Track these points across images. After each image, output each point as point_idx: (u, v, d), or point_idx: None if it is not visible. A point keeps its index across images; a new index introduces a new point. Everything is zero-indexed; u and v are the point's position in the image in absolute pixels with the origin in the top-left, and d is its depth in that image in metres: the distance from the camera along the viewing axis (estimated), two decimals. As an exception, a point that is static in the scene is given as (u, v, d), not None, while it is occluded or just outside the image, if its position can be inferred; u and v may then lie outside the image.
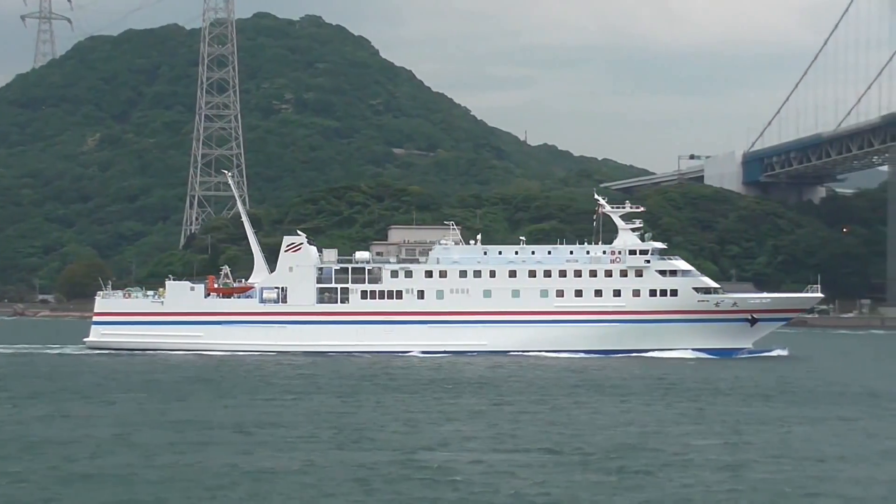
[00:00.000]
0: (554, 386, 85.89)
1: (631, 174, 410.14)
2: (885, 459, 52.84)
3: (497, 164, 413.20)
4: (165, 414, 65.75)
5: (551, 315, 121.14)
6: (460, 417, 65.53)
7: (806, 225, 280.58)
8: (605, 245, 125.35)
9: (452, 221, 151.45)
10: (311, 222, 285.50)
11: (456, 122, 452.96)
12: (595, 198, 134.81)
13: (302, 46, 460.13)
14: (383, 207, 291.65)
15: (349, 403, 71.81)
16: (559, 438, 57.17)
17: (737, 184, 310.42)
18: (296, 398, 74.87)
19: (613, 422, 63.93)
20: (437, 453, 52.24)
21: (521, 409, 69.38)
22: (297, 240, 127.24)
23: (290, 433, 57.94)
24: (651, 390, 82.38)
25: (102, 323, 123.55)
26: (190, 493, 43.46)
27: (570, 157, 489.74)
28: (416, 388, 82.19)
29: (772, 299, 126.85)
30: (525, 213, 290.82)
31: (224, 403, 71.16)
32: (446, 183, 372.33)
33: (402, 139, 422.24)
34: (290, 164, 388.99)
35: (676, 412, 68.87)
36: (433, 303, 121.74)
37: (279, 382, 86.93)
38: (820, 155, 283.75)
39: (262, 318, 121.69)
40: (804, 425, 63.96)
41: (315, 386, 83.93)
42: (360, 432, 58.27)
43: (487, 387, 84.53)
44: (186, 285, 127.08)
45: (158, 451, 51.79)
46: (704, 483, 46.27)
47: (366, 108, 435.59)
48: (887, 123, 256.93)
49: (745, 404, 73.91)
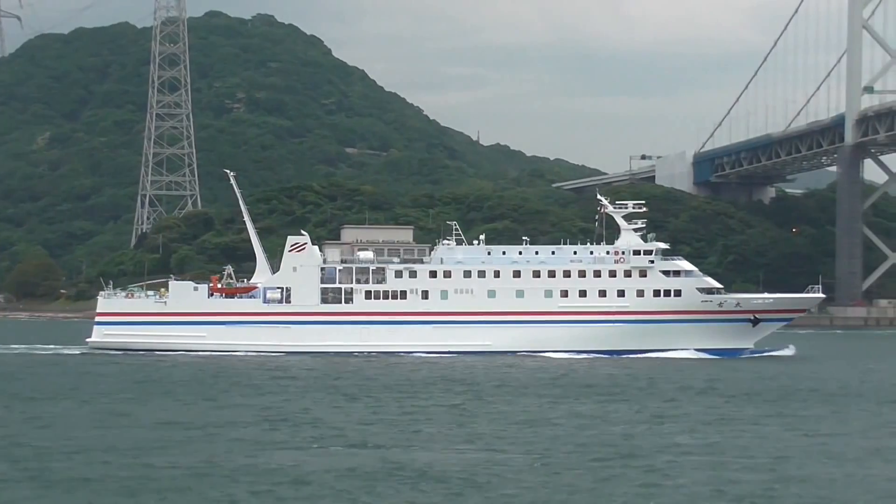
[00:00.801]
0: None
1: (583, 174, 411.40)
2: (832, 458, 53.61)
3: (450, 163, 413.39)
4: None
5: (555, 315, 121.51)
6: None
7: (756, 225, 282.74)
8: (608, 245, 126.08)
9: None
10: (264, 222, 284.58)
11: (408, 122, 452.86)
12: (598, 198, 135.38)
13: (254, 45, 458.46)
14: (336, 207, 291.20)
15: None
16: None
17: (688, 184, 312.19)
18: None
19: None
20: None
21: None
22: (302, 240, 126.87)
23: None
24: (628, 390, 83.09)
25: (105, 323, 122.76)
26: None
27: (523, 157, 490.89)
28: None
29: (774, 299, 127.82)
30: (478, 212, 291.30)
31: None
32: (399, 182, 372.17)
33: (354, 139, 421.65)
34: (242, 164, 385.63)
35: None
36: (437, 303, 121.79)
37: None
38: (770, 155, 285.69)
39: (266, 318, 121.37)
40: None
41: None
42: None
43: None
44: (190, 285, 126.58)
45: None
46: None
47: (318, 107, 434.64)
48: (836, 124, 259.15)
49: (705, 403, 74.60)
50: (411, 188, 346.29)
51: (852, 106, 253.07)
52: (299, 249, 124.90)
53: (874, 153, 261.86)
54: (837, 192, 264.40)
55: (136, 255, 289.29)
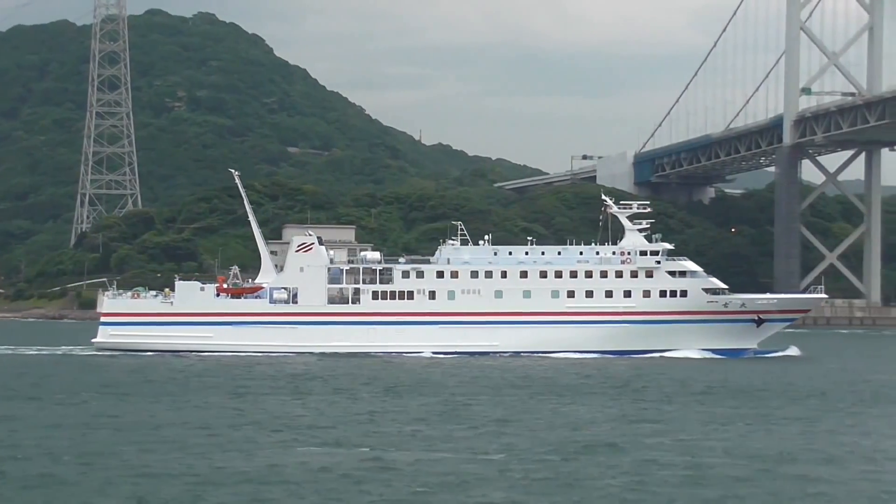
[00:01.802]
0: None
1: (524, 174, 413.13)
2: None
3: (392, 163, 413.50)
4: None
5: (562, 316, 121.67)
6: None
7: (696, 225, 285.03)
8: (613, 245, 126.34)
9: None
10: (205, 221, 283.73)
11: (350, 121, 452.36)
12: (602, 198, 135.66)
13: (195, 44, 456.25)
14: (278, 206, 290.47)
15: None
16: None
17: (628, 184, 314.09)
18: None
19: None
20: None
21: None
22: (309, 240, 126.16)
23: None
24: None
25: (111, 324, 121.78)
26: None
27: (465, 157, 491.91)
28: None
29: (778, 300, 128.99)
30: (420, 212, 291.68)
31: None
32: (341, 182, 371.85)
33: (296, 138, 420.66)
34: (182, 163, 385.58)
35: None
36: (444, 303, 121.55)
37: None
38: (709, 156, 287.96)
39: (273, 318, 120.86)
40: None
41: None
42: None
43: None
44: (196, 285, 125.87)
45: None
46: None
47: (260, 106, 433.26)
48: (774, 125, 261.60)
49: (666, 402, 75.38)
50: (353, 188, 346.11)
51: (790, 107, 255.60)
52: (306, 250, 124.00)
53: (812, 154, 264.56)
54: (776, 193, 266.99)
55: (75, 254, 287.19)
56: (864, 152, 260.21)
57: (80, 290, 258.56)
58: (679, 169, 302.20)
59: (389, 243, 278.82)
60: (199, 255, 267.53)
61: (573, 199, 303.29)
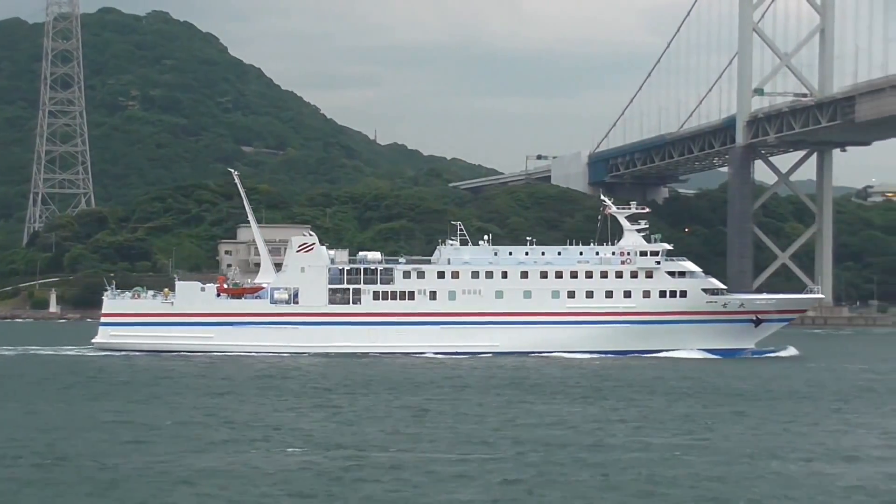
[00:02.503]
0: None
1: (479, 174, 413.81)
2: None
3: (347, 162, 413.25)
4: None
5: (563, 316, 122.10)
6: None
7: (649, 224, 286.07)
8: (613, 246, 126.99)
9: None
10: (159, 220, 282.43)
11: (305, 121, 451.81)
12: (601, 199, 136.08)
13: (148, 43, 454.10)
14: (232, 206, 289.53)
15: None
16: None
17: (582, 184, 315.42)
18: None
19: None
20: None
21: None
22: (310, 240, 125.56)
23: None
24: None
25: (111, 324, 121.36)
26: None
27: (420, 157, 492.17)
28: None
29: (776, 300, 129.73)
30: (375, 211, 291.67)
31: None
32: (296, 181, 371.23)
33: (251, 137, 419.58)
34: (136, 162, 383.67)
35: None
36: (445, 304, 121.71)
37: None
38: (663, 156, 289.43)
39: (274, 318, 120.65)
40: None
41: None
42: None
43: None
44: (197, 286, 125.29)
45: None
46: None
47: (214, 105, 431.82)
48: (727, 126, 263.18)
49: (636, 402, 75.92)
50: (308, 187, 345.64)
51: (743, 108, 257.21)
52: (307, 250, 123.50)
53: (764, 154, 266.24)
54: (728, 193, 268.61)
55: (27, 253, 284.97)
56: (816, 153, 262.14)
57: (32, 290, 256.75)
58: (633, 169, 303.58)
59: (344, 243, 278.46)
60: (152, 255, 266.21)
61: (528, 198, 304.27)
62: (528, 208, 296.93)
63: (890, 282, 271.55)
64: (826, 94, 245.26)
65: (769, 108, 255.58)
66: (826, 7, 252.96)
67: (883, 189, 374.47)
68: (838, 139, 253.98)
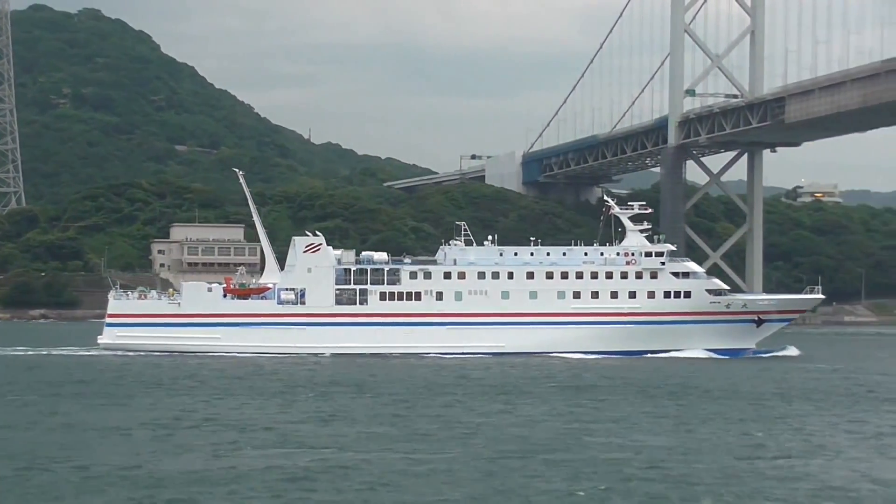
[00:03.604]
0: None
1: (414, 173, 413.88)
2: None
3: (281, 161, 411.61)
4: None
5: (568, 317, 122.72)
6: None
7: (583, 225, 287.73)
8: (618, 246, 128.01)
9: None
10: (91, 219, 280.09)
11: (239, 120, 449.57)
12: (604, 199, 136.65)
13: (80, 40, 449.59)
14: (165, 205, 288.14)
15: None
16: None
17: (517, 184, 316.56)
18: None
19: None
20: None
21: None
22: (316, 240, 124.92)
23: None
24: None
25: (117, 325, 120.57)
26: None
27: (354, 156, 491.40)
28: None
29: (778, 300, 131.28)
30: (309, 211, 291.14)
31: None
32: (229, 180, 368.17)
33: (184, 136, 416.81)
34: (68, 160, 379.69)
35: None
36: (451, 304, 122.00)
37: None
38: (596, 156, 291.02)
39: (281, 319, 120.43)
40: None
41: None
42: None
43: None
44: (203, 286, 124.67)
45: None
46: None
47: (147, 104, 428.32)
48: (659, 126, 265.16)
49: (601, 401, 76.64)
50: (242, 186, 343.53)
51: (675, 108, 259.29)
52: (314, 250, 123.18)
53: (696, 154, 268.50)
54: (661, 193, 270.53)
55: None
56: (747, 153, 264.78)
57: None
58: (566, 169, 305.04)
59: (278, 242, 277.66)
60: (84, 255, 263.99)
61: (462, 198, 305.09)
62: (462, 208, 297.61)
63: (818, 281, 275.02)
64: (756, 96, 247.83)
65: (700, 109, 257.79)
66: (756, 9, 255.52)
67: (812, 189, 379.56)
68: (768, 140, 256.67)
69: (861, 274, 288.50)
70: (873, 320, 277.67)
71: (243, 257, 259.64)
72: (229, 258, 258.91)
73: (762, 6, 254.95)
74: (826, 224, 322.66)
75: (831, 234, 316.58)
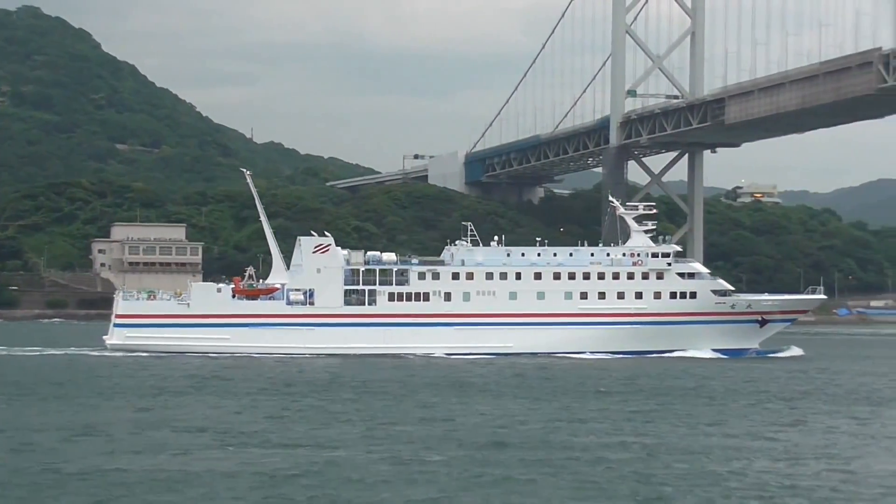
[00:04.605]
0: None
1: (357, 173, 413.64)
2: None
3: (223, 161, 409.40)
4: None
5: (576, 317, 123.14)
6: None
7: (525, 224, 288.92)
8: (624, 247, 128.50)
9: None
10: (30, 219, 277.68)
11: (181, 119, 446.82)
12: (609, 199, 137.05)
13: (19, 38, 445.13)
14: (106, 204, 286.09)
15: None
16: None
17: (459, 183, 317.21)
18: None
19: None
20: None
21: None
22: (325, 241, 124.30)
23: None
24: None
25: (126, 325, 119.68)
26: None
27: (297, 156, 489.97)
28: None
29: (781, 301, 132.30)
30: (251, 210, 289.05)
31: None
32: (171, 180, 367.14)
33: (125, 135, 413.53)
34: (6, 159, 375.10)
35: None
36: (460, 304, 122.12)
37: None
38: (538, 156, 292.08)
39: (290, 319, 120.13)
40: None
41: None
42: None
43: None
44: (213, 287, 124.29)
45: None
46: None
47: (87, 102, 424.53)
48: (601, 127, 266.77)
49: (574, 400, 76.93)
50: (184, 185, 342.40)
51: (616, 109, 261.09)
52: (323, 251, 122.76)
53: (637, 155, 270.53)
54: (603, 193, 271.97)
55: None
56: (687, 154, 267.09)
57: None
58: (509, 169, 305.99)
59: (220, 242, 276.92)
60: (24, 254, 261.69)
61: (405, 198, 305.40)
62: (405, 207, 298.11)
63: (758, 280, 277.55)
64: (697, 97, 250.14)
65: (642, 110, 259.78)
66: (697, 10, 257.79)
67: (752, 190, 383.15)
68: (709, 140, 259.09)
69: (800, 274, 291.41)
70: (812, 320, 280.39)
71: (185, 257, 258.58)
72: (171, 258, 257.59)
73: (702, 8, 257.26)
74: (765, 224, 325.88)
75: (770, 234, 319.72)
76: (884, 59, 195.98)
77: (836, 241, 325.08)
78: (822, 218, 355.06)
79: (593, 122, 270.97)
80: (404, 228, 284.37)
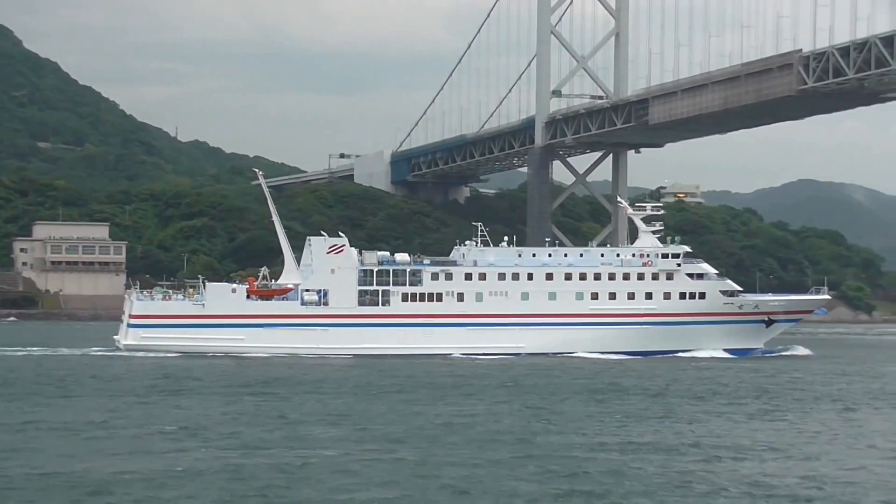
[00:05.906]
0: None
1: (283, 172, 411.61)
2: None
3: (147, 159, 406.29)
4: None
5: (587, 317, 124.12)
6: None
7: (451, 224, 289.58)
8: (634, 248, 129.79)
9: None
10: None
11: (104, 116, 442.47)
12: (618, 200, 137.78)
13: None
14: (27, 203, 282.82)
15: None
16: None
17: (385, 183, 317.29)
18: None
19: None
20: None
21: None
22: (339, 241, 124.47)
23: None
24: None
25: (140, 326, 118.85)
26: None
27: (222, 154, 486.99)
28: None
29: (787, 301, 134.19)
30: (176, 209, 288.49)
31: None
32: (94, 178, 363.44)
33: (47, 133, 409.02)
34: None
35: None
36: (472, 305, 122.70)
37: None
38: (464, 156, 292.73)
39: (304, 320, 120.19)
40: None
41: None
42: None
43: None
44: (227, 287, 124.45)
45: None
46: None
47: (8, 99, 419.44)
48: (526, 126, 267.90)
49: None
50: (107, 184, 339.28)
51: (541, 109, 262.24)
52: (337, 251, 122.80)
53: (562, 155, 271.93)
54: (528, 193, 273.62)
55: None
56: (612, 154, 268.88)
57: None
58: (435, 168, 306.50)
59: (144, 241, 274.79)
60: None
61: (331, 197, 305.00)
62: (331, 207, 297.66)
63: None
64: (621, 97, 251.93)
65: (566, 110, 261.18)
66: (621, 11, 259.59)
67: (675, 190, 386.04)
68: (632, 141, 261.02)
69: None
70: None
71: (108, 256, 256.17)
72: (94, 257, 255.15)
73: (626, 9, 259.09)
74: (688, 224, 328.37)
75: (693, 233, 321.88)
76: (804, 61, 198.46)
77: (757, 240, 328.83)
78: (744, 218, 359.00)
79: (519, 121, 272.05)
80: (330, 228, 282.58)
